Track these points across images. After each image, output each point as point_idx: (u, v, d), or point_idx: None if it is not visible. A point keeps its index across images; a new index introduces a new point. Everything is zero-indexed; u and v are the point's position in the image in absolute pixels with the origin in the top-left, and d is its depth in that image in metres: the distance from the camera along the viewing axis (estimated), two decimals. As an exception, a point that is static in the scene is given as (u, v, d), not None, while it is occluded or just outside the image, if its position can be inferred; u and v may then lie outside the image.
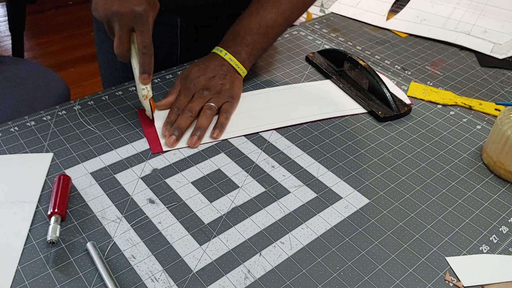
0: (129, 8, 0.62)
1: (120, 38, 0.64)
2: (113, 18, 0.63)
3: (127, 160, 0.64)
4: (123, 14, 0.62)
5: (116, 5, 0.62)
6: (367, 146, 0.69)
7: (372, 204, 0.59)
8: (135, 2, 0.62)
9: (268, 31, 0.77)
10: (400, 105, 0.76)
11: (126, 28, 0.63)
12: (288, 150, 0.67)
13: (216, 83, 0.73)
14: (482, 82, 0.86)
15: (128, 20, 0.63)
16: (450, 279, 0.51)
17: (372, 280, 0.50)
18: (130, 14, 0.62)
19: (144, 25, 0.63)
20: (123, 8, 0.62)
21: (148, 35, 0.64)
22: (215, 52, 0.76)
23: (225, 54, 0.75)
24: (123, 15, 0.62)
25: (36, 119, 0.70)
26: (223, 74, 0.74)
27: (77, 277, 0.49)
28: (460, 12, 1.07)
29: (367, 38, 0.99)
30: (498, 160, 0.64)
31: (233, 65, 0.75)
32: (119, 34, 0.64)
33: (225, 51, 0.75)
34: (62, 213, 0.54)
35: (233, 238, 0.54)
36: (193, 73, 0.74)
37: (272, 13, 0.76)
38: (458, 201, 0.60)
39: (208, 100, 0.72)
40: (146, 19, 0.63)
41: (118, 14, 0.62)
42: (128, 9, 0.62)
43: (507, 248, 0.55)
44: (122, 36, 0.64)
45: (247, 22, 0.77)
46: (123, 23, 0.63)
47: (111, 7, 0.62)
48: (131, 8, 0.62)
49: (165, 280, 0.49)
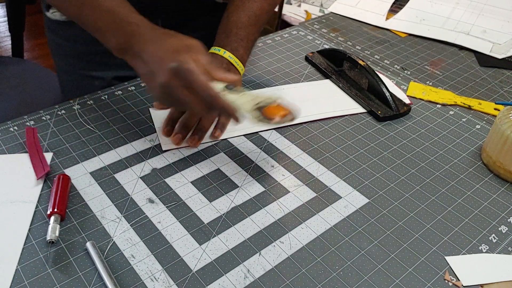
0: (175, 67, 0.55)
1: (205, 87, 0.55)
2: (165, 92, 0.57)
3: (127, 160, 0.64)
4: (172, 76, 0.56)
5: (161, 77, 0.56)
6: (366, 145, 0.69)
7: (372, 204, 0.59)
8: (193, 41, 0.59)
9: (257, 20, 0.77)
10: (400, 104, 0.76)
11: (184, 90, 0.56)
12: (287, 149, 0.67)
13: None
14: (482, 81, 0.86)
15: (181, 78, 0.56)
16: (450, 279, 0.51)
17: (372, 280, 0.50)
18: (180, 71, 0.55)
19: (197, 75, 0.57)
20: (168, 74, 0.55)
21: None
22: (214, 52, 0.76)
23: (224, 53, 0.75)
24: (172, 81, 0.56)
25: (36, 118, 0.70)
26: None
27: (77, 277, 0.49)
28: (459, 12, 1.07)
29: (366, 38, 0.99)
30: (497, 159, 0.64)
31: (233, 62, 0.75)
32: (201, 83, 0.55)
33: (223, 50, 0.75)
34: (62, 212, 0.54)
35: (232, 238, 0.54)
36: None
37: (257, 2, 0.77)
38: (458, 201, 0.60)
39: None
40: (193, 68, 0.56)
41: (166, 84, 0.56)
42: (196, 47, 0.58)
43: (506, 247, 0.55)
44: (205, 84, 0.55)
45: (236, 17, 0.77)
46: (176, 90, 0.56)
47: (157, 85, 0.56)
48: (176, 65, 0.55)
49: (164, 279, 0.49)
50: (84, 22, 0.63)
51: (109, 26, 0.60)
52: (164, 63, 0.56)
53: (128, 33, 0.59)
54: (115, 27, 0.60)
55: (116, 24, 0.60)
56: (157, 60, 0.57)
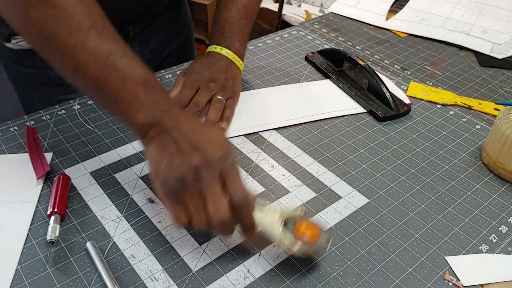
0: (215, 152, 0.48)
1: (216, 197, 0.47)
2: (197, 174, 0.47)
3: (127, 160, 0.64)
4: (212, 161, 0.47)
5: (196, 156, 0.47)
6: (366, 145, 0.69)
7: (372, 204, 0.59)
8: (217, 144, 0.49)
9: (248, 13, 0.78)
10: (400, 104, 0.76)
11: (217, 179, 0.48)
12: (287, 149, 0.67)
13: (220, 77, 0.73)
14: (482, 82, 0.86)
15: (218, 168, 0.48)
16: (450, 279, 0.51)
17: (372, 280, 0.50)
18: (218, 160, 0.48)
19: (236, 169, 0.50)
20: (208, 155, 0.47)
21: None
22: (211, 50, 0.76)
23: (221, 49, 0.75)
24: (211, 163, 0.47)
25: (36, 118, 0.70)
26: (224, 69, 0.74)
27: (77, 277, 0.49)
28: (459, 12, 1.07)
29: (366, 38, 0.99)
30: (497, 159, 0.64)
31: (231, 58, 0.75)
32: (213, 191, 0.47)
33: (220, 47, 0.75)
34: (62, 212, 0.54)
35: (233, 238, 0.54)
36: (197, 67, 0.74)
37: None
38: (458, 201, 0.60)
39: (215, 94, 0.72)
40: (234, 160, 0.50)
41: (205, 164, 0.47)
42: (215, 154, 0.48)
43: (506, 247, 0.55)
44: (218, 193, 0.47)
45: (227, 13, 0.77)
46: (212, 176, 0.47)
47: (188, 162, 0.47)
48: (216, 151, 0.48)
49: (164, 279, 0.49)
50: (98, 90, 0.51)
51: (143, 100, 0.50)
52: (204, 144, 0.48)
53: (163, 109, 0.50)
54: (149, 102, 0.50)
55: (151, 97, 0.50)
56: (195, 139, 0.49)
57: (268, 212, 0.51)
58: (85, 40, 0.50)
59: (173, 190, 0.48)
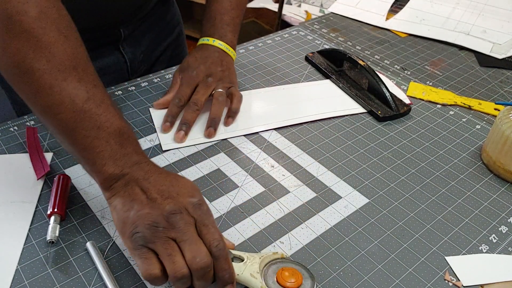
0: (188, 200, 0.46)
1: (194, 242, 0.44)
2: (170, 220, 0.44)
3: (127, 160, 0.64)
4: (185, 208, 0.45)
5: (168, 203, 0.45)
6: (366, 145, 0.69)
7: (372, 204, 0.59)
8: (189, 192, 0.47)
9: (239, 3, 0.78)
10: (400, 104, 0.76)
11: (193, 226, 0.45)
12: (287, 149, 0.67)
13: (217, 70, 0.73)
14: (482, 82, 0.86)
15: (192, 215, 0.46)
16: (450, 279, 0.51)
17: (372, 280, 0.50)
18: (192, 207, 0.46)
19: (211, 217, 0.47)
20: (180, 203, 0.45)
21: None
22: (203, 42, 0.76)
23: (213, 41, 0.75)
24: (185, 210, 0.45)
25: (36, 118, 0.70)
26: (219, 61, 0.74)
27: (77, 277, 0.49)
28: (459, 12, 1.07)
29: (366, 38, 0.99)
30: (497, 159, 0.64)
31: (224, 49, 0.75)
32: (189, 236, 0.44)
33: (212, 38, 0.75)
34: (62, 212, 0.54)
35: (232, 238, 0.54)
36: (192, 62, 0.74)
37: None
38: (458, 201, 0.60)
39: (215, 87, 0.72)
40: (208, 208, 0.48)
41: (178, 211, 0.45)
42: (187, 201, 0.46)
43: (506, 247, 0.55)
44: (196, 238, 0.44)
45: (218, 4, 0.77)
46: (187, 221, 0.45)
47: (159, 210, 0.45)
48: (189, 200, 0.46)
49: (164, 279, 0.49)
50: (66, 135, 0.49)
51: (114, 152, 0.48)
52: (175, 192, 0.46)
53: (134, 161, 0.49)
54: (121, 153, 0.48)
55: (122, 150, 0.48)
56: (166, 189, 0.47)
57: (247, 261, 0.49)
58: (64, 81, 0.48)
59: (144, 239, 0.44)
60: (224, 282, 0.45)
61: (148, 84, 0.79)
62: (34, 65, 0.48)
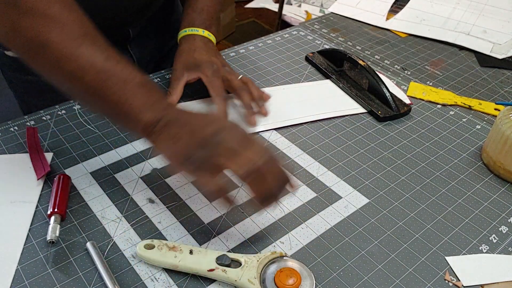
0: (226, 123, 0.52)
1: (249, 146, 0.49)
2: (217, 138, 0.49)
3: (127, 160, 0.64)
4: (226, 127, 0.51)
5: (210, 127, 0.50)
6: (367, 145, 0.69)
7: (372, 204, 0.59)
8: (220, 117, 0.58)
9: None
10: (400, 105, 0.76)
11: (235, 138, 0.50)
12: (288, 149, 0.67)
13: (219, 59, 0.75)
14: (482, 82, 0.86)
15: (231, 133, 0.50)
16: (450, 279, 0.51)
17: (372, 280, 0.50)
18: (230, 125, 0.51)
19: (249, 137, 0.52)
20: (221, 124, 0.51)
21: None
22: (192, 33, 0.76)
23: (203, 32, 0.76)
24: (227, 128, 0.50)
25: (36, 118, 0.70)
26: (214, 50, 0.76)
27: (77, 277, 0.49)
28: (459, 12, 1.07)
29: (366, 38, 0.99)
30: (497, 159, 0.64)
31: (212, 39, 0.77)
32: (242, 143, 0.49)
33: (201, 29, 0.76)
34: (62, 212, 0.54)
35: (232, 238, 0.54)
36: (200, 56, 0.73)
37: None
38: (458, 201, 0.60)
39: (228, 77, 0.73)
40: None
41: (222, 129, 0.50)
42: (226, 123, 0.52)
43: (506, 247, 0.55)
44: (248, 143, 0.49)
45: None
46: (234, 134, 0.50)
47: (204, 133, 0.49)
48: (224, 122, 0.53)
49: (165, 280, 0.49)
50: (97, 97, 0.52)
51: (146, 100, 0.51)
52: (211, 120, 0.51)
53: (164, 106, 0.52)
54: (151, 101, 0.52)
55: (152, 97, 0.52)
56: (201, 121, 0.51)
57: (244, 266, 0.49)
58: (80, 47, 0.50)
59: (198, 161, 0.48)
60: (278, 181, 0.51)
61: (148, 84, 0.79)
62: (48, 38, 0.50)
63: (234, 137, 0.50)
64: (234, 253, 0.52)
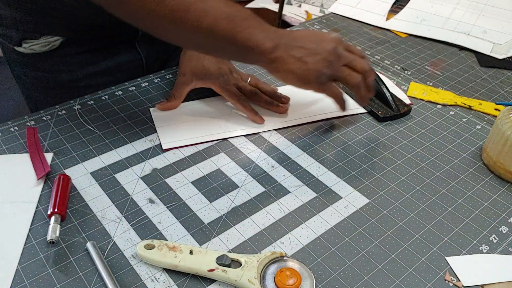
0: (338, 37, 0.64)
1: (357, 58, 0.64)
2: (337, 53, 0.62)
3: (127, 160, 0.64)
4: (340, 42, 0.62)
5: (326, 44, 0.61)
6: (367, 146, 0.69)
7: (372, 204, 0.59)
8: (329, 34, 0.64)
9: None
10: (400, 105, 0.76)
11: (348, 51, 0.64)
12: (288, 150, 0.67)
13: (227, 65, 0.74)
14: (482, 82, 0.86)
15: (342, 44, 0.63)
16: (450, 279, 0.51)
17: (372, 280, 0.50)
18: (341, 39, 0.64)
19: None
20: (335, 40, 0.62)
21: None
22: None
23: None
24: (341, 43, 0.63)
25: (36, 119, 0.70)
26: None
27: (77, 277, 0.49)
28: (459, 12, 1.07)
29: (367, 38, 0.99)
30: (498, 160, 0.64)
31: None
32: (354, 57, 0.64)
33: None
34: (62, 213, 0.54)
35: (233, 238, 0.54)
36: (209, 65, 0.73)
37: None
38: (458, 201, 0.60)
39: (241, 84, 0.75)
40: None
41: (338, 45, 0.62)
42: (338, 37, 0.63)
43: (507, 248, 0.55)
44: (355, 56, 0.64)
45: None
46: (347, 49, 0.64)
47: (325, 50, 0.61)
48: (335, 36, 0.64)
49: (165, 280, 0.49)
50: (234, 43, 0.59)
51: (263, 31, 0.59)
52: (324, 46, 0.61)
53: (279, 34, 0.61)
54: (270, 31, 0.60)
55: (262, 26, 0.60)
56: (315, 39, 0.61)
57: (245, 266, 0.49)
58: (207, 1, 0.57)
59: (328, 75, 0.61)
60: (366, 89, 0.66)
61: (149, 84, 0.79)
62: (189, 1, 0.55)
63: (345, 49, 0.62)
64: (234, 253, 0.52)
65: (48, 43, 0.76)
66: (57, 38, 0.76)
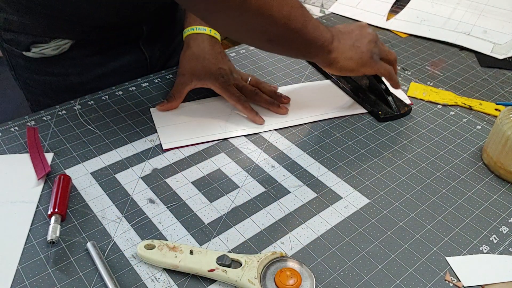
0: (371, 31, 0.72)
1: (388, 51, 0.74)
2: (377, 43, 0.70)
3: (127, 160, 0.64)
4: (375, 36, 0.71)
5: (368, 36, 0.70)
6: (367, 146, 0.69)
7: (372, 204, 0.59)
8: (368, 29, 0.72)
9: None
10: (400, 105, 0.76)
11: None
12: (288, 150, 0.67)
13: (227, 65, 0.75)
14: (482, 82, 0.86)
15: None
16: (450, 279, 0.51)
17: (372, 280, 0.50)
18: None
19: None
20: (371, 34, 0.70)
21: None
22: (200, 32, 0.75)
23: (210, 31, 0.75)
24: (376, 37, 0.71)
25: (36, 119, 0.70)
26: (221, 55, 0.75)
27: (77, 277, 0.49)
28: (460, 12, 1.07)
29: (367, 38, 0.99)
30: (498, 160, 0.64)
31: (218, 38, 0.77)
32: (387, 49, 0.75)
33: (208, 28, 0.75)
34: (62, 213, 0.54)
35: (233, 238, 0.54)
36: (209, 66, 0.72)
37: None
38: (458, 201, 0.60)
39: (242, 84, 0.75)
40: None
41: (375, 38, 0.70)
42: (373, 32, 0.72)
43: (507, 248, 0.55)
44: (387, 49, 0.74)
45: None
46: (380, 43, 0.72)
47: (368, 40, 0.69)
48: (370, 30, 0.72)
49: (165, 280, 0.49)
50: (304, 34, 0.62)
51: (322, 27, 0.64)
52: (364, 31, 0.70)
53: (330, 28, 0.67)
54: (324, 27, 0.65)
55: (321, 26, 0.64)
56: (352, 26, 0.70)
57: (245, 266, 0.49)
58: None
59: (378, 53, 0.70)
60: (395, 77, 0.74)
61: (149, 84, 0.80)
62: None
63: (381, 44, 0.73)
64: (234, 253, 0.52)
65: (58, 46, 0.75)
66: (67, 41, 0.76)
